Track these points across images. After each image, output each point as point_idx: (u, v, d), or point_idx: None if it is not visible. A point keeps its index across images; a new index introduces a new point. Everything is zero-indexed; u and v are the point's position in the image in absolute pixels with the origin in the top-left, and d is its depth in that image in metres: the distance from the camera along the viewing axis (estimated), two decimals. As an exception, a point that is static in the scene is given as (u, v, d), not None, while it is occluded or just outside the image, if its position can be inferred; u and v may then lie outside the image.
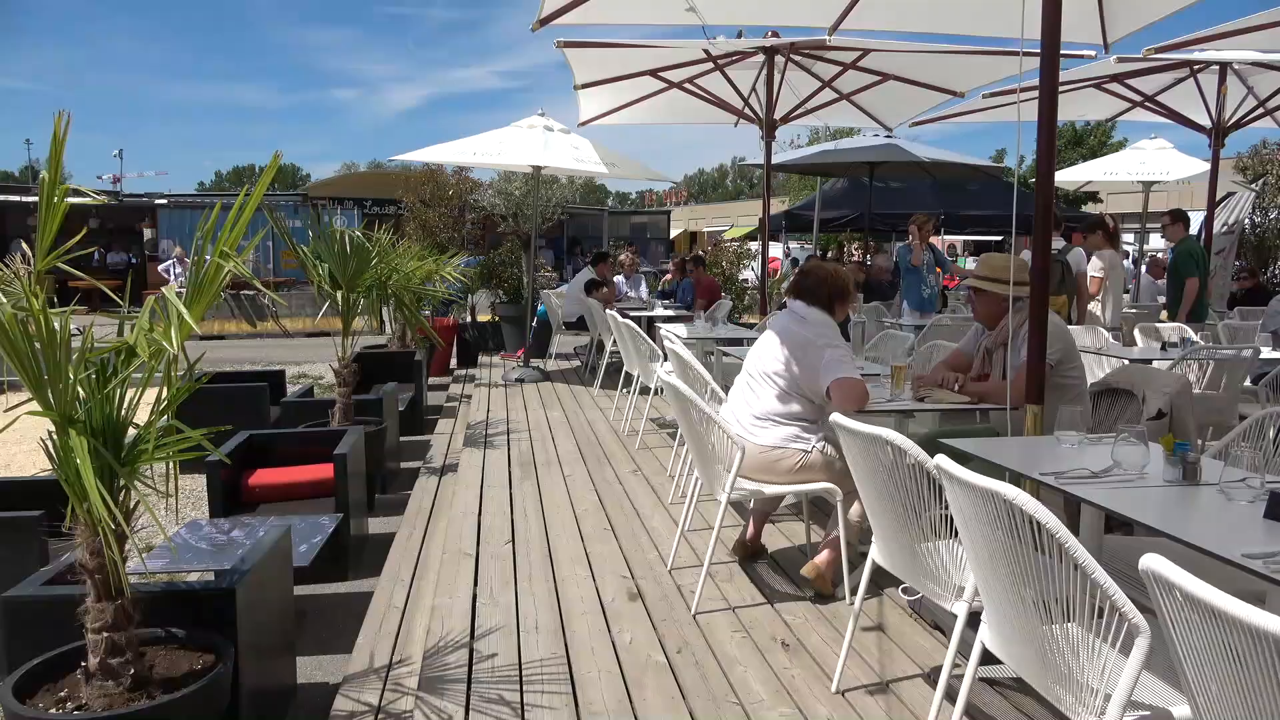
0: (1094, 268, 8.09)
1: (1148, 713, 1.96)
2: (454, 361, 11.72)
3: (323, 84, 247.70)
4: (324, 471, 4.72)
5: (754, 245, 15.35)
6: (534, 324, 11.02)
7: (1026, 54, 3.60)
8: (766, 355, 3.97)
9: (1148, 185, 12.42)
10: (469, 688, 3.07)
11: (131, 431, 2.54)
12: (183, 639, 2.77)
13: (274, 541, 3.24)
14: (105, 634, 2.46)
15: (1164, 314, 8.81)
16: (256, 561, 3.01)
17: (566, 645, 3.38)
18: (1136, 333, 7.42)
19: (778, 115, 8.56)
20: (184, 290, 2.61)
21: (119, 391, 2.49)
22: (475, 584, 4.00)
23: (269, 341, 16.85)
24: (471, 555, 4.37)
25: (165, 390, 2.55)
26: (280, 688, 3.32)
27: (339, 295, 5.90)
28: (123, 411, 2.51)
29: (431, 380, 10.28)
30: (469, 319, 12.50)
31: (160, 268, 18.88)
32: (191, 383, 2.66)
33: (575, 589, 3.94)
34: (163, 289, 2.50)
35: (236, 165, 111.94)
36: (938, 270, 9.52)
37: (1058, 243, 8.10)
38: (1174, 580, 1.54)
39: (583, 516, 4.99)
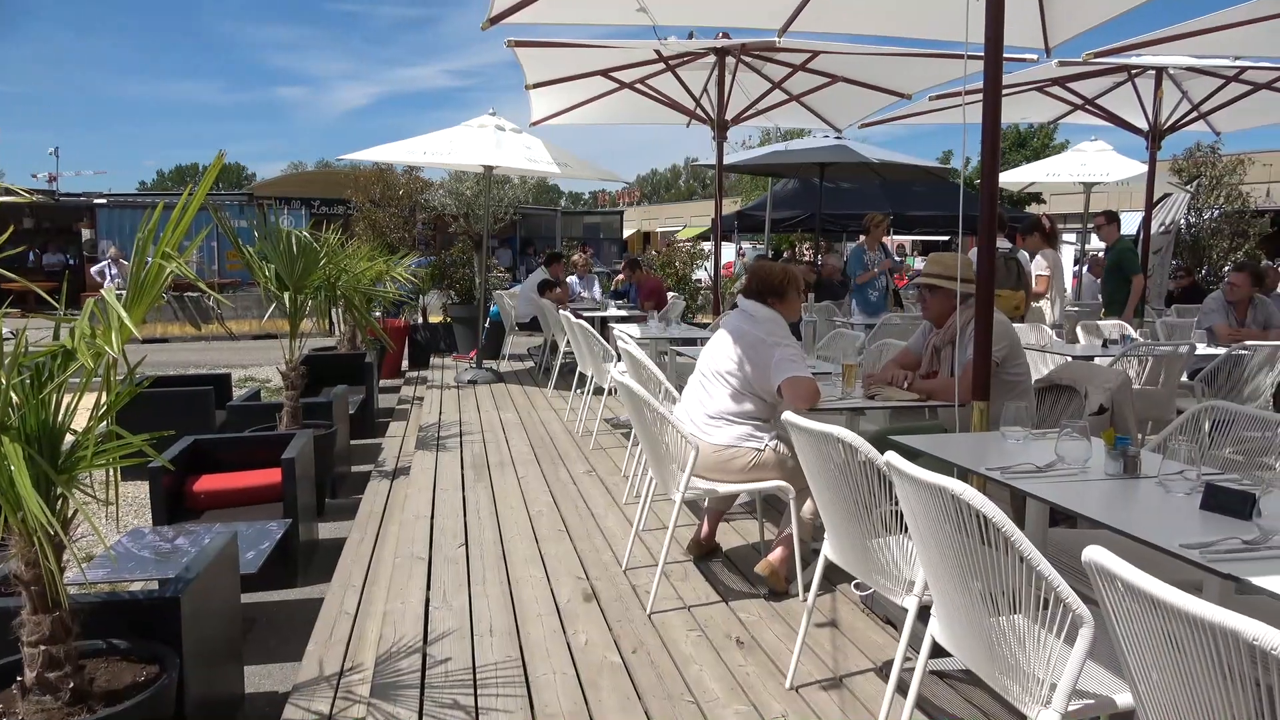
0: (1039, 267, 8.26)
1: (1092, 701, 2.00)
2: (405, 363, 11.60)
3: (269, 82, 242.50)
4: (272, 476, 4.63)
5: (708, 245, 15.42)
6: (487, 325, 10.94)
7: (971, 57, 3.67)
8: (719, 354, 3.99)
9: (1088, 186, 12.74)
10: (422, 693, 3.03)
11: (69, 438, 2.47)
12: (125, 650, 2.70)
13: (220, 549, 3.17)
14: (42, 647, 2.39)
15: (1103, 311, 9.04)
16: (201, 569, 2.94)
17: (521, 648, 3.36)
18: (1079, 330, 7.60)
19: (729, 116, 8.60)
20: (123, 292, 2.54)
21: (55, 396, 2.41)
22: (428, 588, 3.96)
23: (214, 344, 16.50)
24: (424, 559, 4.32)
25: (105, 395, 2.48)
26: (227, 698, 3.25)
27: (286, 297, 5.79)
28: (59, 417, 2.43)
29: (382, 382, 10.16)
30: (420, 320, 12.38)
31: (94, 270, 18.25)
32: (132, 387, 2.59)
33: (530, 591, 3.92)
34: (102, 291, 2.44)
35: (179, 164, 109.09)
36: (888, 269, 9.65)
37: (1007, 243, 8.27)
38: (1115, 571, 1.58)
39: (537, 518, 4.97)
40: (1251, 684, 1.36)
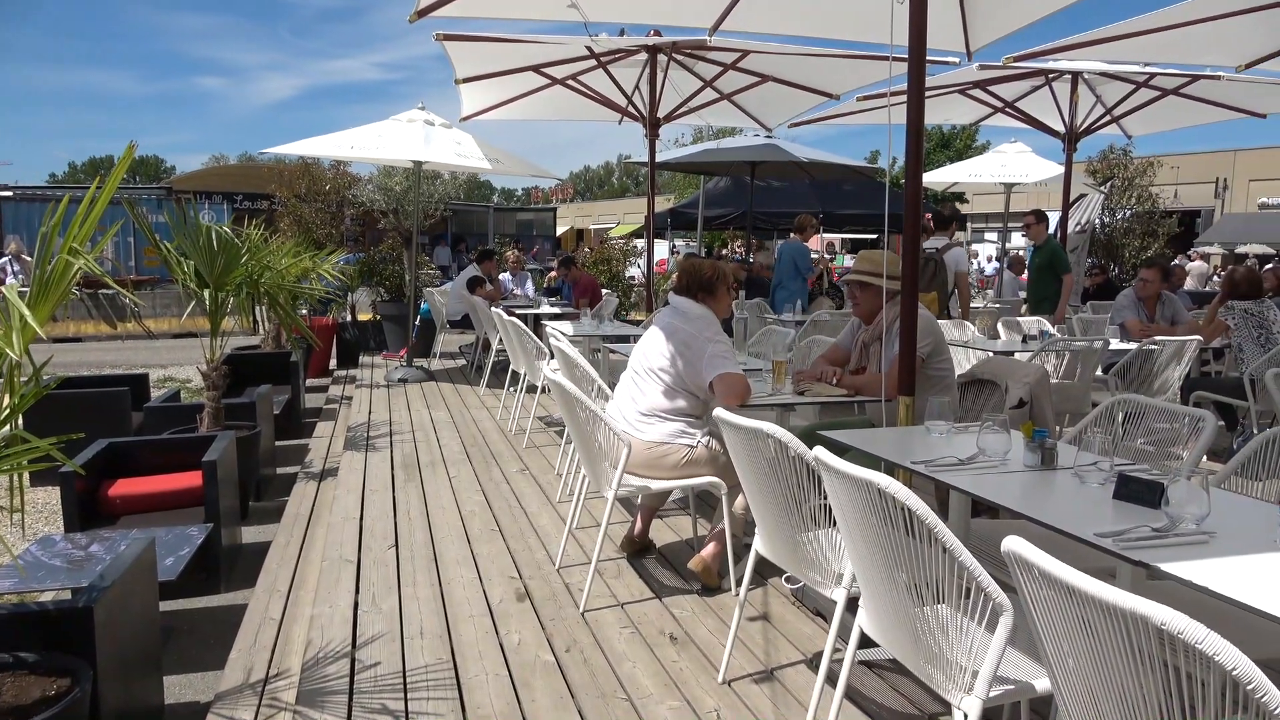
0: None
1: (1012, 686, 2.06)
2: (333, 362, 11.35)
3: (188, 71, 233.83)
4: (192, 479, 4.49)
5: (641, 242, 15.45)
6: (417, 323, 10.78)
7: (895, 59, 3.74)
8: (651, 351, 4.00)
9: (1009, 187, 13.12)
10: (351, 699, 2.97)
11: (-30, 442, 2.35)
12: (34, 663, 2.58)
13: (136, 555, 3.05)
14: (-57, 663, 2.27)
15: (1024, 309, 9.33)
16: (117, 577, 2.83)
17: (453, 649, 3.32)
18: (1000, 326, 7.83)
19: (661, 114, 8.63)
20: (26, 289, 2.43)
21: (-45, 399, 2.29)
22: (357, 591, 3.88)
23: (131, 343, 15.91)
24: (353, 561, 4.24)
25: (8, 397, 2.37)
26: (145, 709, 3.14)
27: (206, 294, 5.62)
28: (-41, 421, 2.31)
29: (310, 382, 9.93)
30: (349, 318, 12.13)
31: None
32: (38, 389, 2.48)
33: (461, 591, 3.88)
34: (2, 289, 2.32)
35: (93, 156, 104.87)
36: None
37: (939, 241, 8.47)
38: (1032, 560, 1.62)
39: (469, 518, 4.91)
40: (1161, 665, 1.41)
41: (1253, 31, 6.11)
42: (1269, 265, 18.53)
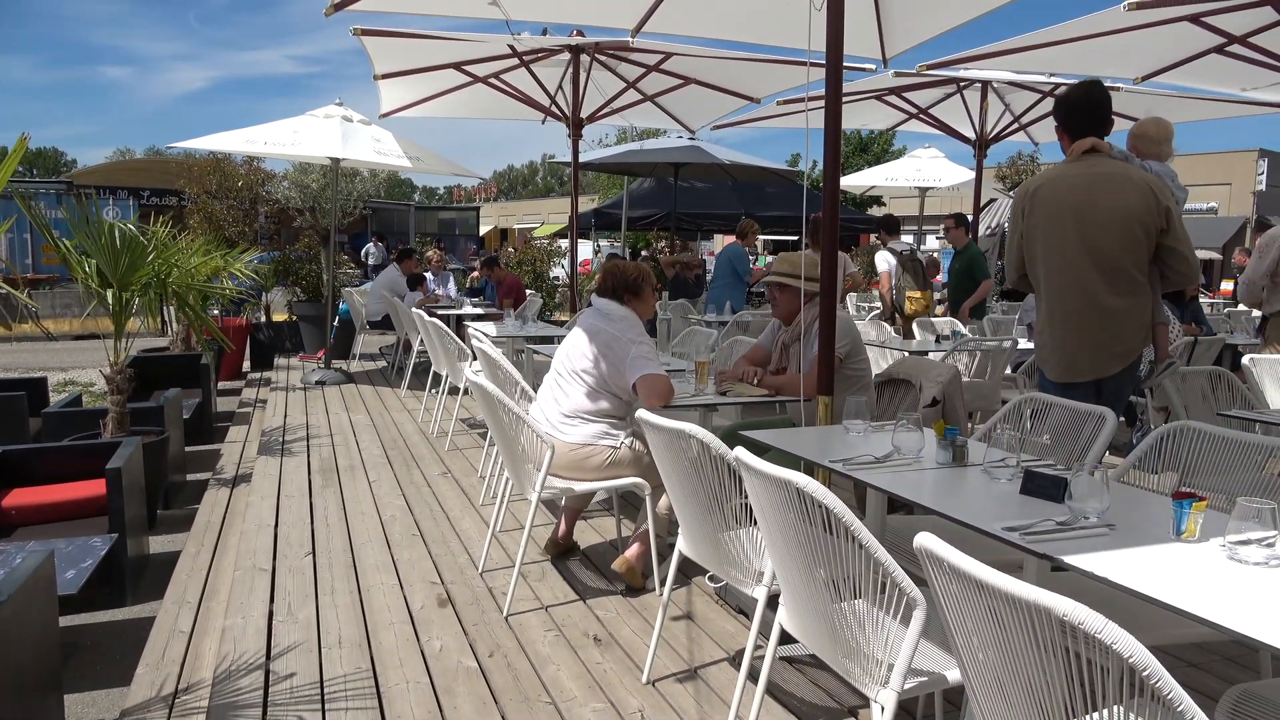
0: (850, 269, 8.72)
1: (926, 678, 2.12)
2: (247, 364, 11.02)
3: (90, 60, 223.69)
4: (95, 488, 4.30)
5: (565, 243, 15.41)
6: (336, 323, 10.54)
7: (814, 65, 3.81)
8: (574, 353, 3.99)
9: (923, 191, 13.49)
10: (265, 711, 2.89)
11: None
12: (-81, 686, 2.44)
13: (33, 569, 2.91)
14: None
15: (940, 309, 9.60)
16: (11, 592, 2.69)
17: (373, 658, 3.26)
18: (915, 326, 8.05)
19: (584, 114, 8.62)
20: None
21: None
22: (272, 601, 3.78)
23: (28, 345, 15.15)
24: (267, 570, 4.12)
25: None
26: (44, 730, 2.99)
27: (110, 294, 5.38)
28: None
29: (222, 385, 9.62)
30: (263, 318, 11.78)
31: None
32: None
33: (382, 598, 3.80)
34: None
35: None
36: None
37: (899, 244, 8.65)
38: (942, 555, 1.67)
39: (389, 522, 4.82)
40: (1064, 653, 1.47)
41: (1149, 46, 6.43)
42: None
